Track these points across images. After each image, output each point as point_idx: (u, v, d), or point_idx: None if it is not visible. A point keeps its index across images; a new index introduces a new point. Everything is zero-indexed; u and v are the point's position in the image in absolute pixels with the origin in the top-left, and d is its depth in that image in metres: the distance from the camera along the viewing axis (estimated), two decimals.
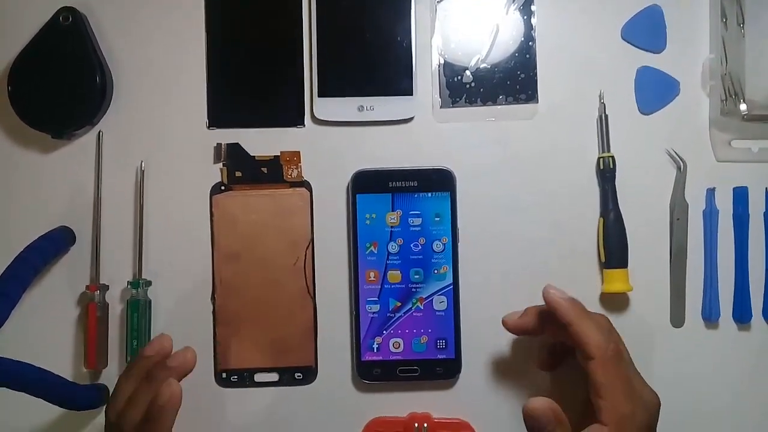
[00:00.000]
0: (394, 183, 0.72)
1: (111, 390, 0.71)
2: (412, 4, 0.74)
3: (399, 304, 0.72)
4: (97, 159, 0.74)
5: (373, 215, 0.72)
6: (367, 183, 0.73)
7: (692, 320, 0.75)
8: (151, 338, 0.71)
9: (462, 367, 0.72)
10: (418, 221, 0.72)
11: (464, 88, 0.75)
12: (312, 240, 0.74)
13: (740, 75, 0.73)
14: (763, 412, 0.74)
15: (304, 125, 0.75)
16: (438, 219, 0.72)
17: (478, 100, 0.75)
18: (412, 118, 0.75)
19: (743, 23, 0.73)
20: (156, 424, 0.60)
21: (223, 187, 0.74)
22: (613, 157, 0.74)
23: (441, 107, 0.75)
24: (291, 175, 0.74)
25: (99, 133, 0.74)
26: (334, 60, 0.74)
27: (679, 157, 0.75)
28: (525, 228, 0.74)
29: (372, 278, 0.72)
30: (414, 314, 0.72)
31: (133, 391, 0.62)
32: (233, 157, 0.74)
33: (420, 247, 0.72)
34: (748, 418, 0.74)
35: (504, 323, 0.70)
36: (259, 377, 0.73)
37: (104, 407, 0.71)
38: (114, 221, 0.73)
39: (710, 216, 0.75)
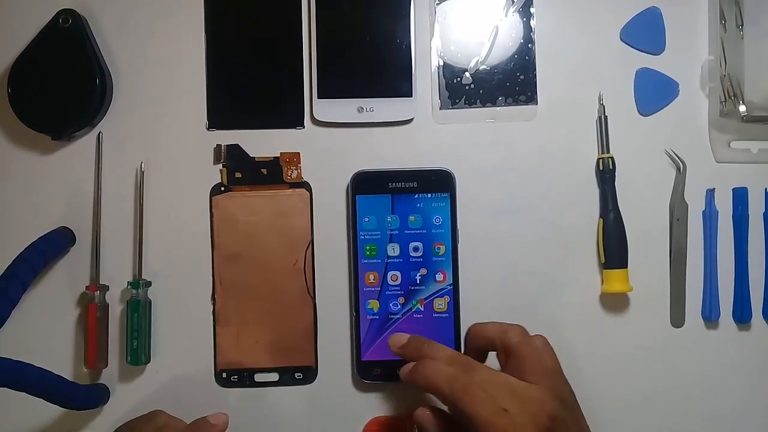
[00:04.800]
0: (393, 184, 0.73)
1: (111, 390, 0.72)
2: (412, 6, 0.74)
3: (399, 305, 0.72)
4: (97, 160, 0.74)
5: (373, 216, 0.72)
6: (367, 184, 0.73)
7: (692, 320, 0.75)
8: (151, 341, 0.72)
9: None
10: (417, 222, 0.72)
11: (464, 89, 0.75)
12: (312, 241, 0.74)
13: (739, 76, 0.74)
14: (764, 412, 0.74)
15: (304, 126, 0.75)
16: (438, 220, 0.72)
17: (478, 101, 0.75)
18: (411, 120, 0.75)
19: (742, 25, 0.74)
20: None
21: (222, 188, 0.74)
22: (612, 158, 0.74)
23: (440, 109, 0.75)
24: (291, 176, 0.74)
25: (99, 134, 0.74)
26: (333, 61, 0.74)
27: (678, 158, 0.75)
28: (525, 229, 0.75)
29: (372, 279, 0.72)
30: (414, 315, 0.72)
31: None
32: (233, 159, 0.74)
33: (420, 248, 0.72)
34: (748, 418, 0.74)
35: None
36: (259, 377, 0.73)
37: (104, 407, 0.72)
38: (114, 222, 0.73)
39: (710, 216, 0.75)
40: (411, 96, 0.74)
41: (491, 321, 0.68)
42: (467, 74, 0.75)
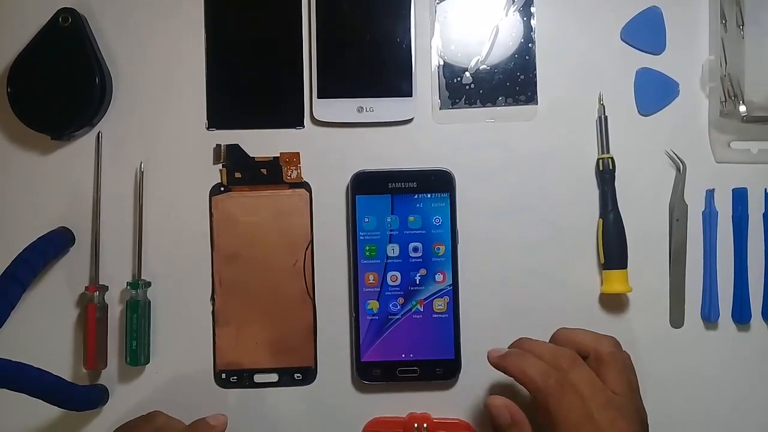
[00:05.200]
0: (393, 184, 0.72)
1: (110, 391, 0.72)
2: (412, 6, 0.74)
3: (398, 305, 0.72)
4: (96, 160, 0.74)
5: (373, 216, 0.72)
6: (367, 184, 0.73)
7: (692, 321, 0.75)
8: (150, 341, 0.72)
9: (462, 367, 0.72)
10: (417, 222, 0.72)
11: (464, 89, 0.75)
12: (311, 241, 0.74)
13: (740, 76, 0.73)
14: (763, 412, 0.74)
15: (304, 126, 0.75)
16: (437, 220, 0.72)
17: (478, 101, 0.75)
18: (411, 120, 0.75)
19: (743, 25, 0.73)
20: None
21: (222, 188, 0.74)
22: (612, 158, 0.74)
23: (440, 108, 0.75)
24: (290, 176, 0.74)
25: (98, 134, 0.74)
26: (333, 61, 0.74)
27: (678, 158, 0.75)
28: (524, 229, 0.74)
29: (371, 280, 0.72)
30: (413, 315, 0.72)
31: None
32: (233, 158, 0.74)
33: (419, 248, 0.72)
34: (748, 419, 0.74)
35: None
36: (258, 378, 0.73)
37: (103, 407, 0.72)
38: (113, 222, 0.73)
39: (709, 217, 0.75)
40: (411, 96, 0.74)
41: (581, 328, 0.68)
42: (467, 74, 0.75)
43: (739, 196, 0.75)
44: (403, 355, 0.72)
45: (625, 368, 0.65)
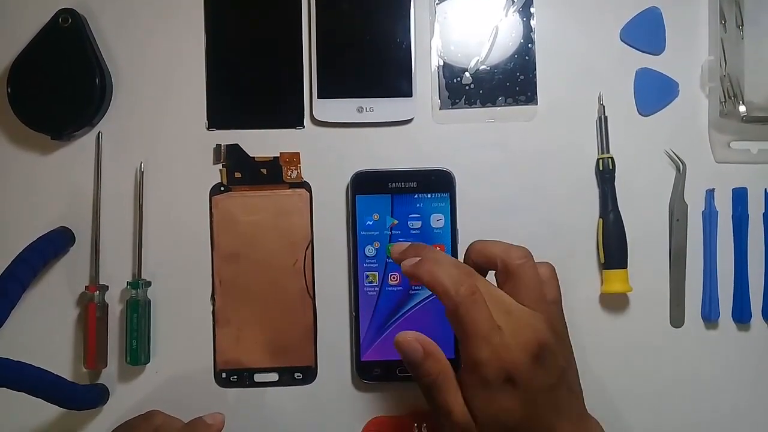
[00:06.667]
0: (393, 184, 0.72)
1: (110, 390, 0.72)
2: (412, 6, 0.74)
3: (399, 304, 0.72)
4: (96, 160, 0.74)
5: (373, 216, 0.72)
6: (367, 184, 0.73)
7: (692, 320, 0.75)
8: (150, 341, 0.72)
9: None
10: (417, 223, 0.72)
11: (463, 89, 0.75)
12: (311, 241, 0.74)
13: (739, 77, 0.73)
14: (763, 412, 0.74)
15: (304, 126, 0.75)
16: (438, 220, 0.72)
17: (478, 101, 0.75)
18: (411, 120, 0.75)
19: (742, 25, 0.74)
20: None
21: (222, 188, 0.74)
22: (612, 158, 0.74)
23: (440, 109, 0.75)
24: (290, 176, 0.74)
25: (98, 134, 0.74)
26: (333, 61, 0.74)
27: (678, 158, 0.75)
28: (524, 229, 0.74)
29: (371, 279, 0.72)
30: (413, 315, 0.72)
31: None
32: (233, 158, 0.74)
33: None
34: (748, 418, 0.74)
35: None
36: (258, 377, 0.73)
37: (104, 407, 0.72)
38: (113, 222, 0.73)
39: (709, 217, 0.75)
40: (411, 96, 0.74)
41: (494, 240, 0.64)
42: (467, 74, 0.75)
43: (739, 196, 0.75)
44: None
45: (538, 280, 0.61)
